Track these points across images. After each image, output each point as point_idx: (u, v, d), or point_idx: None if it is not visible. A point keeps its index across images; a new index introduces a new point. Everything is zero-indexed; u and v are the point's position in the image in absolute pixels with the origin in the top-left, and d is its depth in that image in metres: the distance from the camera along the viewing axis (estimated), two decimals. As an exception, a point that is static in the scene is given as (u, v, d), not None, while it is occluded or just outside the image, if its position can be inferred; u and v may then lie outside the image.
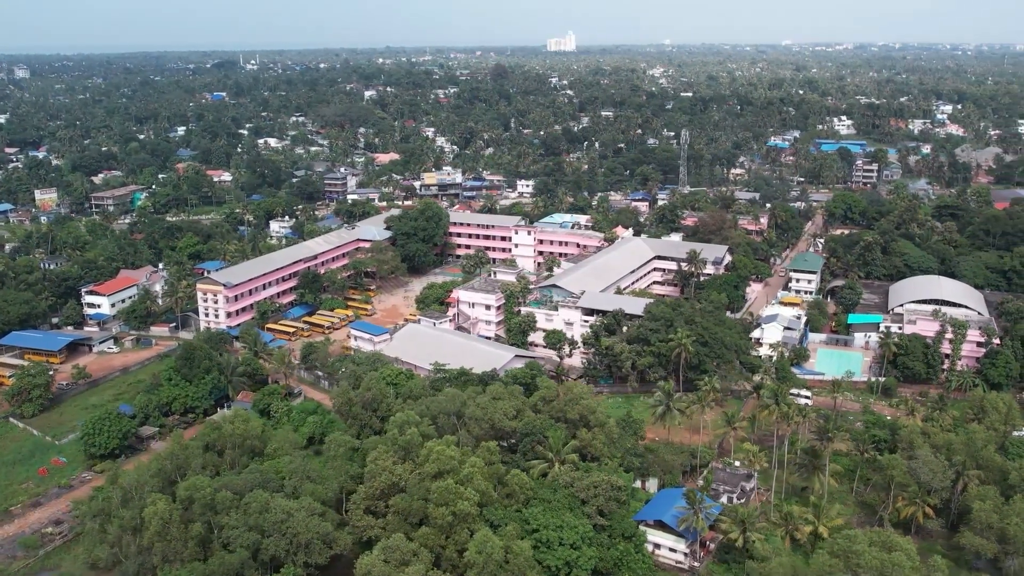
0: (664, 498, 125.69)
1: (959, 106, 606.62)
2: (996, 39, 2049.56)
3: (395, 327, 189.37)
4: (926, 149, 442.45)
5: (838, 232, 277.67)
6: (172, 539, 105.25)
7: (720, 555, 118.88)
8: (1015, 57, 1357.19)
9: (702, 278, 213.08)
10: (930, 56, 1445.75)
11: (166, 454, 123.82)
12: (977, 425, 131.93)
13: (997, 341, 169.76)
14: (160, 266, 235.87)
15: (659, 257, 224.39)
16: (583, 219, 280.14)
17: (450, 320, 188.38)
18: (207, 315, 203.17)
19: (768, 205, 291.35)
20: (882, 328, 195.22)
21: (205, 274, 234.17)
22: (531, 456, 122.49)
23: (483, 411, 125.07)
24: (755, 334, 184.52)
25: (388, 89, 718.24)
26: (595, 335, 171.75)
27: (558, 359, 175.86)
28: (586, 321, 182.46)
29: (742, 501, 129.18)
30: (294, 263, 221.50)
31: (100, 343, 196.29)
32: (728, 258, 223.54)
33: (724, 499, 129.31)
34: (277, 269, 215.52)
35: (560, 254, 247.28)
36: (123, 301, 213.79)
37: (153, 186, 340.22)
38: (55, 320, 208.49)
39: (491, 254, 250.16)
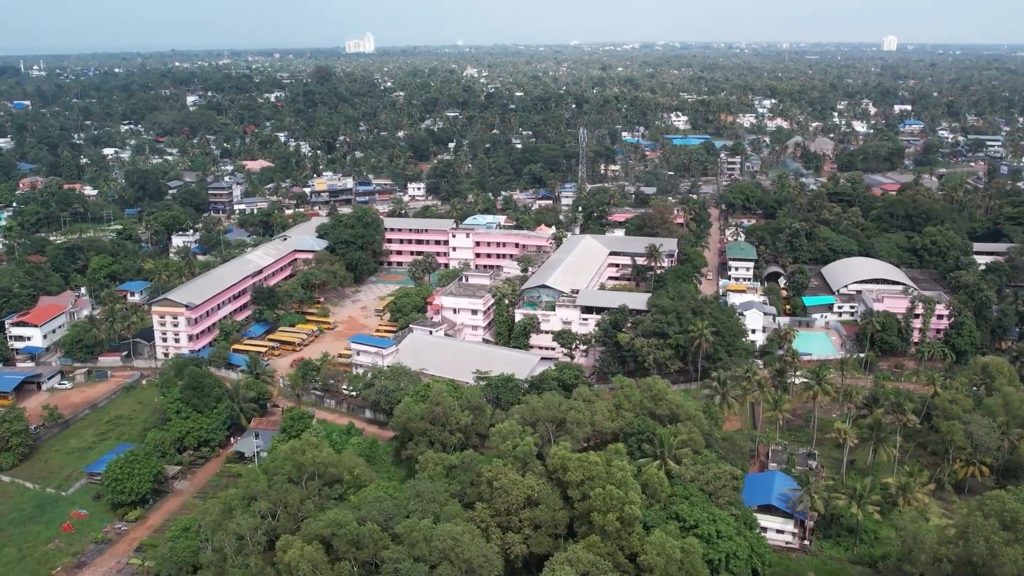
0: (753, 483, 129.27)
1: (774, 100, 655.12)
2: (761, 39, 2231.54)
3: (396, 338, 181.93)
4: (766, 141, 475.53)
5: (737, 221, 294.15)
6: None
7: (822, 532, 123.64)
8: (793, 55, 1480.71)
9: (658, 271, 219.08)
10: (713, 54, 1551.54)
11: (250, 492, 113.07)
12: (1012, 389, 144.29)
13: (957, 313, 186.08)
14: (82, 291, 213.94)
15: (613, 253, 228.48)
16: (501, 219, 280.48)
17: (445, 327, 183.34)
18: (165, 339, 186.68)
19: (671, 199, 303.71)
20: (836, 308, 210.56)
21: (129, 296, 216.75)
22: (638, 455, 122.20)
23: (583, 415, 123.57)
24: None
25: (210, 94, 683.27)
26: (605, 332, 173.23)
27: (569, 358, 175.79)
28: (584, 319, 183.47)
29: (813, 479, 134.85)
30: (243, 279, 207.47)
31: (48, 379, 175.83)
32: (675, 250, 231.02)
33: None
34: (231, 286, 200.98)
35: (499, 255, 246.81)
36: (53, 331, 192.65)
37: (14, 203, 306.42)
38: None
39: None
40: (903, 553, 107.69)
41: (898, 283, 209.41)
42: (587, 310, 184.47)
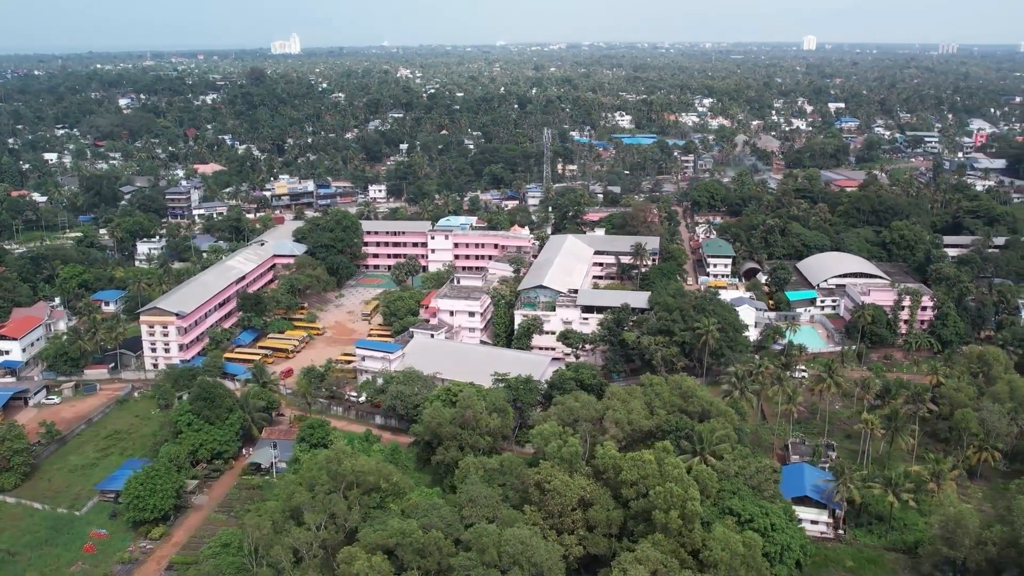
0: (785, 475, 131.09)
1: (712, 99, 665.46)
2: (684, 39, 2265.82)
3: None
4: (712, 139, 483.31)
5: (703, 219, 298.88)
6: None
7: (853, 521, 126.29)
8: (719, 55, 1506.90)
9: (644, 269, 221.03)
10: (640, 54, 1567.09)
11: (293, 504, 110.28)
12: (1017, 376, 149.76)
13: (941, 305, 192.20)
14: (56, 301, 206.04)
15: (597, 252, 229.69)
16: (473, 220, 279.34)
17: (445, 330, 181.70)
18: (154, 350, 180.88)
19: (636, 197, 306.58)
20: (818, 302, 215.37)
21: (103, 306, 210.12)
22: (676, 452, 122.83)
23: (620, 414, 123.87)
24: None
25: (142, 96, 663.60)
26: (609, 331, 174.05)
27: (574, 358, 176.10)
28: (585, 319, 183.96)
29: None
30: (228, 286, 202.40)
31: (35, 394, 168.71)
32: (658, 248, 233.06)
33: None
34: (218, 293, 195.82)
35: (477, 256, 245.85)
36: (32, 344, 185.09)
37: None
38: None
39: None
40: (944, 537, 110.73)
41: (877, 276, 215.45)
42: (587, 309, 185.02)
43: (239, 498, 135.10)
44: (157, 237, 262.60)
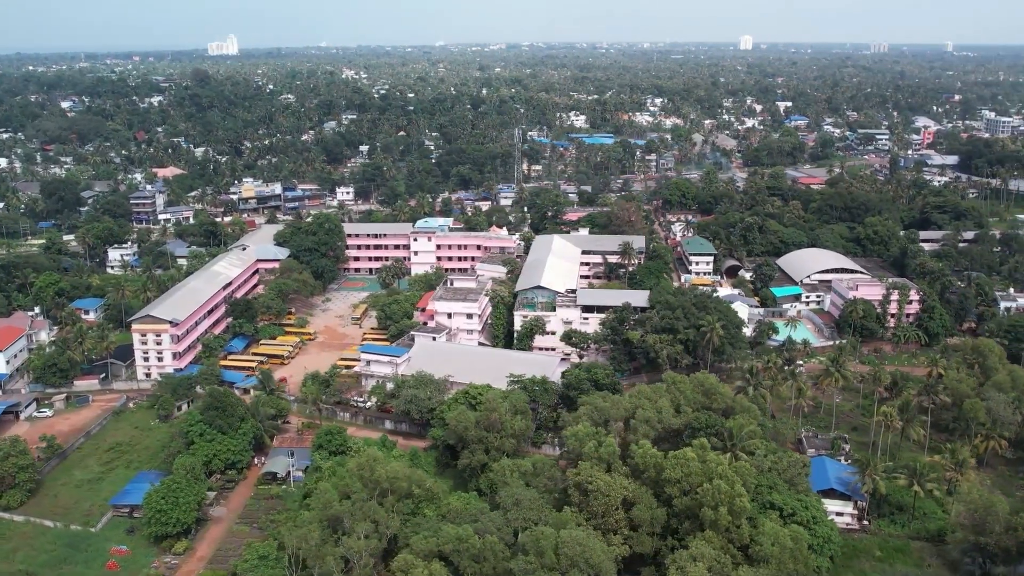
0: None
1: (662, 99, 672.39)
2: (621, 39, 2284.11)
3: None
4: (668, 139, 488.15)
5: (675, 217, 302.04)
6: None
7: (875, 512, 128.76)
8: (658, 55, 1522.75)
9: (631, 268, 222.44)
10: (581, 54, 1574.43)
11: (331, 513, 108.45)
12: (1018, 367, 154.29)
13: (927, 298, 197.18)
14: (36, 311, 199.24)
15: (585, 252, 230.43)
16: (450, 221, 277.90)
17: (447, 332, 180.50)
18: (147, 358, 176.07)
19: (611, 197, 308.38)
20: (804, 298, 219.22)
21: (83, 315, 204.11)
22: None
23: (651, 412, 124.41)
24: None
25: (86, 99, 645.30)
26: (612, 330, 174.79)
27: (579, 358, 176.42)
28: (585, 319, 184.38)
29: (848, 461, 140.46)
30: (216, 292, 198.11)
31: (25, 407, 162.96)
32: (644, 247, 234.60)
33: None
34: (208, 300, 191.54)
35: (460, 257, 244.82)
36: (15, 356, 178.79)
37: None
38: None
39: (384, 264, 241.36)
40: (972, 525, 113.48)
41: (856, 271, 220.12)
42: (587, 309, 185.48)
43: (259, 508, 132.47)
44: (129, 243, 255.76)
